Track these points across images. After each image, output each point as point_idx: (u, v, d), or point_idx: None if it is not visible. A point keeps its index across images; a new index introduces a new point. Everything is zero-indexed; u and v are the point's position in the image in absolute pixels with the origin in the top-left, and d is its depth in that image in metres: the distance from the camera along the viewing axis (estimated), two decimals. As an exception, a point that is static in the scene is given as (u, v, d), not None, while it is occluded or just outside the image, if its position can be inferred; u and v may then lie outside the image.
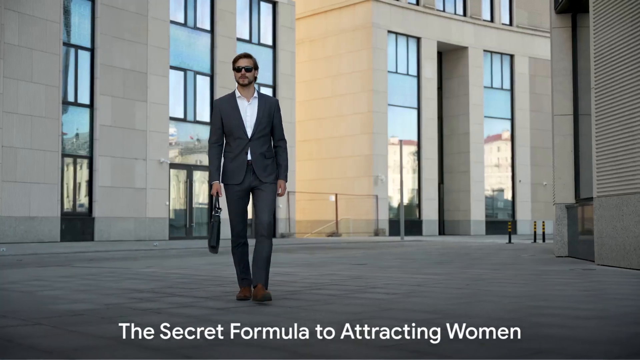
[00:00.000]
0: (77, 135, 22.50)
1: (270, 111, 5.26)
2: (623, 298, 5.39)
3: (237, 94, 5.31)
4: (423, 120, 33.52)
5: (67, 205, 21.92)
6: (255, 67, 5.30)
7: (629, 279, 7.07)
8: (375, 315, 4.44)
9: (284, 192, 5.31)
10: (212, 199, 5.31)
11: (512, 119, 36.93)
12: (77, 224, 21.91)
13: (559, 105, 11.06)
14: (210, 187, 5.35)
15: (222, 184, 5.31)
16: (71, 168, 22.14)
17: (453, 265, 9.78)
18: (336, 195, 31.65)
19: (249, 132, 5.20)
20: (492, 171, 36.78)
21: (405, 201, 33.05)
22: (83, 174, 22.43)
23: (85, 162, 22.39)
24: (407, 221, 31.30)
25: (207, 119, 25.78)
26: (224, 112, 5.27)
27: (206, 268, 9.34)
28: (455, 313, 4.51)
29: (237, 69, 5.27)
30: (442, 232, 35.44)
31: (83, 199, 22.41)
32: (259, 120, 5.21)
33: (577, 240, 10.50)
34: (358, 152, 32.17)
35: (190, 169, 25.42)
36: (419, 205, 33.60)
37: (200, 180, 25.77)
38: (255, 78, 5.32)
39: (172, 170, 24.79)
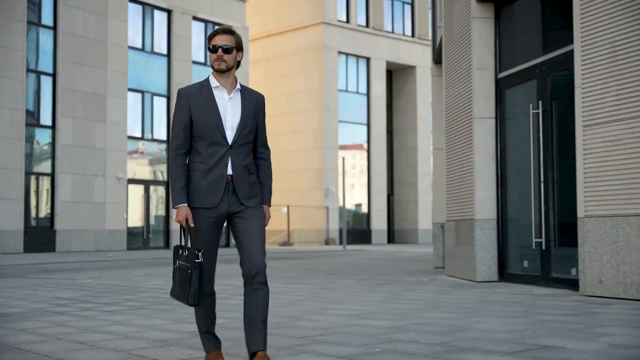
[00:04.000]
0: (40, 154, 24.35)
1: (256, 110, 3.93)
2: (419, 308, 7.43)
3: (214, 82, 3.88)
4: (372, 136, 35.73)
5: (31, 219, 23.76)
6: (239, 48, 3.88)
7: (451, 289, 9.12)
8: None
9: (268, 222, 4.02)
10: (181, 230, 3.88)
11: (458, 134, 39.24)
12: (40, 236, 23.74)
13: (436, 141, 13.22)
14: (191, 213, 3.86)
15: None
16: (34, 185, 23.98)
17: (335, 276, 11.81)
18: (288, 206, 33.73)
19: (230, 137, 3.83)
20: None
21: (360, 211, 35.28)
22: (45, 190, 24.27)
23: (48, 179, 24.23)
24: (357, 230, 33.52)
25: (164, 137, 27.74)
26: (195, 106, 3.83)
27: (133, 279, 11.32)
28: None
29: (212, 49, 3.84)
30: (392, 240, 37.64)
31: (45, 213, 24.25)
32: (243, 122, 3.86)
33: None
34: (310, 166, 34.29)
35: (147, 183, 27.32)
36: (368, 216, 35.77)
37: (157, 194, 27.70)
38: (238, 64, 3.92)
39: (130, 185, 26.66)
